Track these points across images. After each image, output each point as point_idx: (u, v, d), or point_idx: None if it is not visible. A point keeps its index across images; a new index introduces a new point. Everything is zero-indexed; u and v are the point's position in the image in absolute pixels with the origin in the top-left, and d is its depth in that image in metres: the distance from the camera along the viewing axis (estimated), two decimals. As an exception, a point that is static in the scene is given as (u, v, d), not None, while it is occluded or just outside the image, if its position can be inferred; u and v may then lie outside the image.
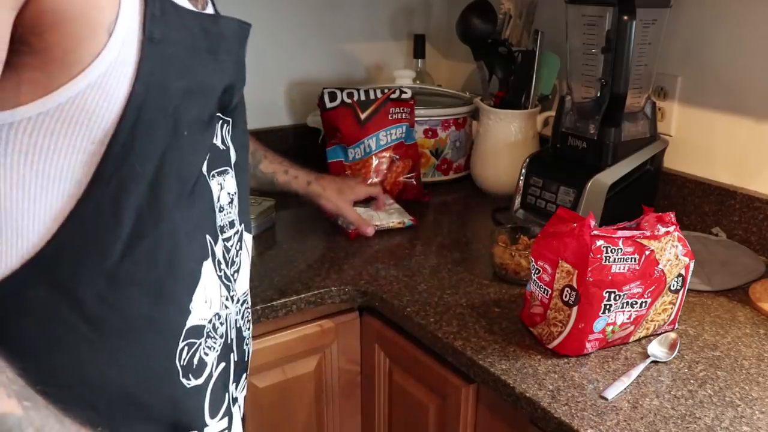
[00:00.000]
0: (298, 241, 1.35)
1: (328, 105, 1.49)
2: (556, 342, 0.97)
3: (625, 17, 1.20)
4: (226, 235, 0.77)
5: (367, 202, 1.41)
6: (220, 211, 0.75)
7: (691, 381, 0.92)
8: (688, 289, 1.03)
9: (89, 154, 0.62)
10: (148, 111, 0.63)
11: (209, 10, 0.76)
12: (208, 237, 0.73)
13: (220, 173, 0.75)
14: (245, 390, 0.87)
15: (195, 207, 0.71)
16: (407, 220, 1.40)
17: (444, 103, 1.67)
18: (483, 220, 1.48)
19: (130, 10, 0.61)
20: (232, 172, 0.78)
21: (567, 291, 0.95)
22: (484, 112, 1.56)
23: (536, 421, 0.89)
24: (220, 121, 0.75)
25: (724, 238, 1.32)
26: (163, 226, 0.67)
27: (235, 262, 0.80)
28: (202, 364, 0.74)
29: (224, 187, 0.76)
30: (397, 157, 1.51)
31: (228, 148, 0.77)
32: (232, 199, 0.78)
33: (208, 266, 0.73)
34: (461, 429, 1.05)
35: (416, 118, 1.56)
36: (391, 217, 1.40)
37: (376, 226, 1.36)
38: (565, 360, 0.96)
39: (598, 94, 1.34)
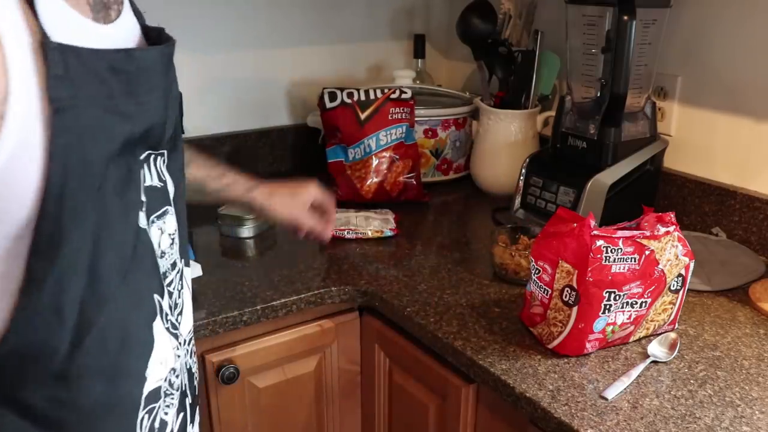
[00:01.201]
0: (298, 241, 1.34)
1: (328, 105, 1.49)
2: (556, 342, 0.97)
3: (625, 17, 1.20)
4: (168, 281, 0.70)
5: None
6: (161, 257, 0.68)
7: (691, 381, 0.92)
8: (688, 289, 1.03)
9: (5, 251, 0.53)
10: (72, 192, 0.54)
11: (122, 20, 0.63)
12: (156, 297, 0.67)
13: (159, 216, 0.67)
14: (198, 417, 0.82)
15: (138, 271, 0.64)
16: (387, 230, 1.35)
17: (444, 103, 1.67)
18: (483, 220, 1.49)
19: (23, 79, 0.50)
20: (171, 209, 0.70)
21: (567, 291, 0.95)
22: (484, 112, 1.56)
23: (536, 421, 0.89)
24: (153, 156, 0.66)
25: (724, 238, 1.32)
26: (109, 308, 0.60)
27: (178, 304, 0.73)
28: (163, 424, 0.70)
29: (165, 230, 0.68)
30: (397, 157, 1.51)
31: (165, 183, 0.69)
32: (173, 240, 0.70)
33: (157, 325, 0.68)
34: (461, 429, 1.05)
35: (416, 118, 1.56)
36: (369, 224, 1.36)
37: (351, 230, 1.32)
38: (565, 360, 0.96)
39: (598, 94, 1.34)
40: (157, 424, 0.69)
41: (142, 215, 0.64)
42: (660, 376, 0.93)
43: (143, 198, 0.64)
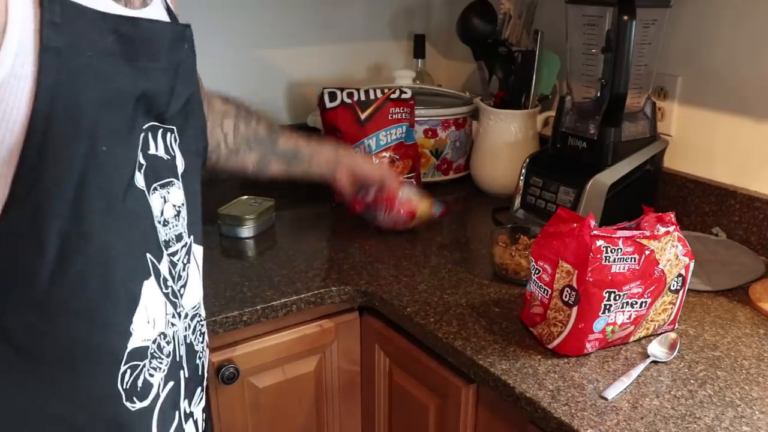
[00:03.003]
0: (298, 241, 1.35)
1: (328, 105, 1.49)
2: (556, 342, 0.97)
3: (625, 17, 1.20)
4: (171, 250, 0.73)
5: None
6: (164, 225, 0.72)
7: (691, 381, 0.92)
8: (688, 289, 1.03)
9: None
10: (58, 127, 0.58)
11: (152, 9, 0.71)
12: (149, 255, 0.70)
13: (163, 185, 0.71)
14: (203, 402, 0.84)
15: (129, 224, 0.67)
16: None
17: (444, 103, 1.67)
18: (483, 220, 1.49)
19: (21, 18, 0.55)
20: (178, 183, 0.74)
21: (567, 291, 0.95)
22: (484, 112, 1.56)
23: (536, 421, 0.89)
24: (161, 130, 0.71)
25: (724, 238, 1.32)
26: (92, 248, 0.63)
27: (182, 276, 0.76)
28: (147, 385, 0.71)
29: (168, 200, 0.72)
30: (397, 157, 1.51)
31: (174, 158, 0.73)
32: (179, 211, 0.74)
33: (149, 285, 0.70)
34: (461, 429, 1.05)
35: (416, 118, 1.56)
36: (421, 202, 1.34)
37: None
38: (565, 360, 0.96)
39: (598, 94, 1.34)
40: (140, 383, 0.70)
41: (139, 176, 0.68)
42: (660, 376, 0.93)
43: (142, 161, 0.68)
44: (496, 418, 1.00)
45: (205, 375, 0.85)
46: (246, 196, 1.42)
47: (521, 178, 1.42)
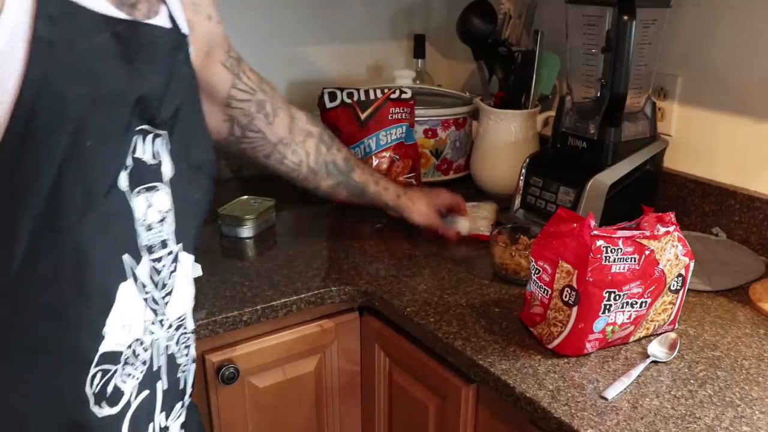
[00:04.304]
0: (298, 241, 1.35)
1: (328, 105, 1.49)
2: (556, 342, 0.97)
3: (625, 17, 1.20)
4: (155, 256, 0.72)
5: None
6: (148, 230, 0.71)
7: (691, 381, 0.92)
8: (688, 289, 1.03)
9: None
10: (41, 117, 0.58)
11: (159, 19, 0.72)
12: (126, 257, 0.69)
13: (148, 189, 0.71)
14: (182, 417, 0.82)
15: (109, 224, 0.66)
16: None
17: (444, 103, 1.67)
18: (483, 220, 1.48)
19: (16, 7, 0.56)
20: (164, 189, 0.73)
21: (567, 291, 0.95)
22: (484, 112, 1.56)
23: (536, 421, 0.89)
24: (151, 135, 0.71)
25: (724, 238, 1.32)
26: (66, 242, 0.63)
27: (166, 284, 0.75)
28: (118, 392, 0.70)
29: (153, 204, 0.71)
30: (397, 157, 1.51)
31: (159, 163, 0.72)
32: (164, 217, 0.73)
33: (126, 288, 0.69)
34: (461, 429, 1.05)
35: (416, 118, 1.56)
36: (476, 223, 1.38)
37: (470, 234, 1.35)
38: (565, 360, 0.96)
39: (598, 94, 1.34)
40: (110, 388, 0.69)
41: (124, 176, 0.67)
42: (660, 376, 0.93)
43: (129, 162, 0.68)
44: (496, 418, 1.00)
45: (188, 391, 0.83)
46: (246, 196, 1.42)
47: (521, 178, 1.42)
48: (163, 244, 0.73)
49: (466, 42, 1.57)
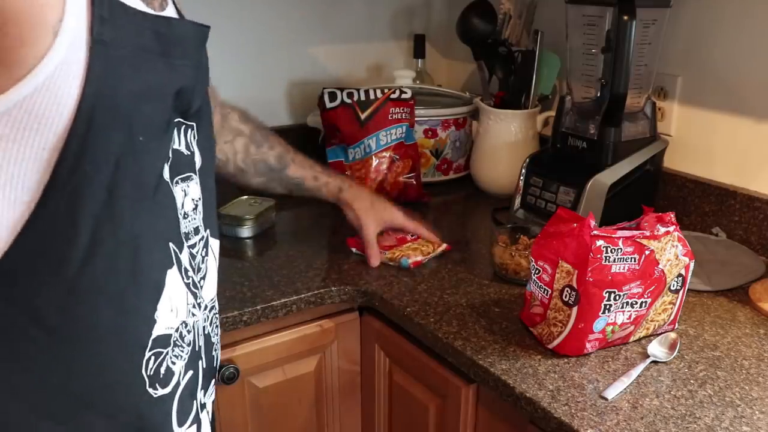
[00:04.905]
0: (298, 241, 1.35)
1: (328, 105, 1.49)
2: (556, 342, 0.97)
3: (625, 17, 1.20)
4: (191, 242, 0.76)
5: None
6: (184, 218, 0.75)
7: (691, 381, 0.92)
8: (688, 289, 1.03)
9: (42, 161, 0.60)
10: (100, 115, 0.61)
11: (169, 11, 0.74)
12: (171, 245, 0.72)
13: (184, 179, 0.74)
14: (214, 394, 0.87)
15: (157, 214, 0.70)
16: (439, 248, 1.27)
17: (444, 103, 1.67)
18: (483, 220, 1.48)
19: (76, 11, 0.59)
20: (196, 178, 0.77)
21: (567, 291, 0.95)
22: (484, 112, 1.56)
23: (536, 421, 0.89)
24: (183, 126, 0.74)
25: (724, 238, 1.32)
26: (122, 234, 0.66)
27: (201, 268, 0.79)
28: (170, 373, 0.73)
29: (188, 194, 0.75)
30: (397, 157, 1.51)
31: (193, 153, 0.76)
32: (196, 205, 0.77)
33: (173, 274, 0.72)
34: (461, 429, 1.05)
35: (416, 118, 1.56)
36: (422, 247, 1.27)
37: (417, 262, 1.23)
38: (565, 360, 0.96)
39: (598, 94, 1.34)
40: (162, 370, 0.72)
41: (166, 168, 0.71)
42: (660, 376, 0.93)
43: (169, 154, 0.71)
44: (496, 418, 1.00)
45: (217, 368, 0.87)
46: (246, 196, 1.42)
47: (521, 178, 1.42)
48: (196, 230, 0.78)
49: (466, 42, 1.57)
